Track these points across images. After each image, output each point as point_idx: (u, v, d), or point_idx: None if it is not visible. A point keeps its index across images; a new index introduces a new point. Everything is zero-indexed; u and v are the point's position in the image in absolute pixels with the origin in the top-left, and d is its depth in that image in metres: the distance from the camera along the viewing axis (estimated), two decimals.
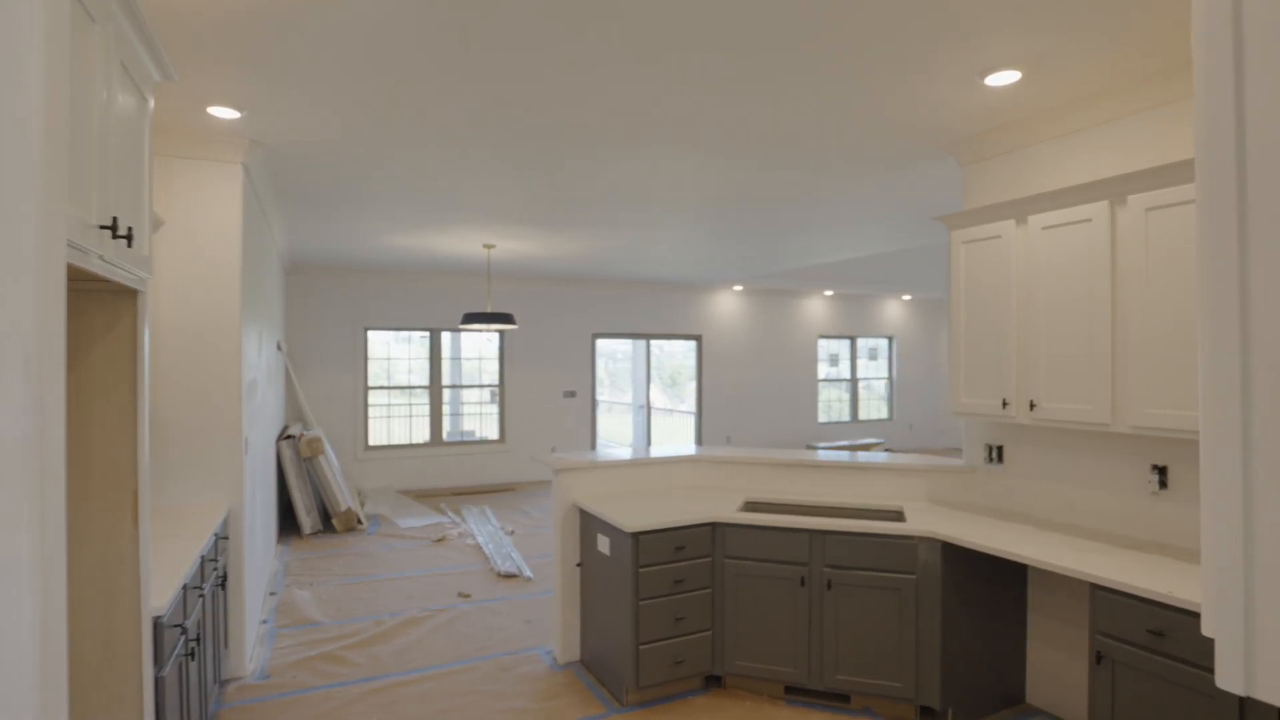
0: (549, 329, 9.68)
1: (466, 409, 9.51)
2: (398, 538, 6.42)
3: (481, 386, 9.49)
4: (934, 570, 3.04)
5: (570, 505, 3.71)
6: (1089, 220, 2.78)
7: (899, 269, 10.44)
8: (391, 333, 8.99)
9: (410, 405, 9.03)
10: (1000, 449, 3.49)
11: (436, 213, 5.19)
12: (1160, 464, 2.85)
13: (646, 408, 11.90)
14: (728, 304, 11.14)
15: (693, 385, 11.30)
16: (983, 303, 3.21)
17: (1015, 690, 3.30)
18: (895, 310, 12.71)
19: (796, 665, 3.21)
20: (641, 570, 3.14)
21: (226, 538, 3.44)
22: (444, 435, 9.15)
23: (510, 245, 6.65)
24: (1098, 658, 2.41)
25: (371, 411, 8.75)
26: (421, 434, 9.02)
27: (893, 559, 3.09)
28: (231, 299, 3.51)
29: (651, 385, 11.76)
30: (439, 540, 6.31)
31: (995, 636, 3.21)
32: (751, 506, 3.76)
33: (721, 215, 5.37)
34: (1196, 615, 2.15)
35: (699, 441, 11.05)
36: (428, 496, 8.49)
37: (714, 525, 3.34)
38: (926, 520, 3.20)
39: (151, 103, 1.84)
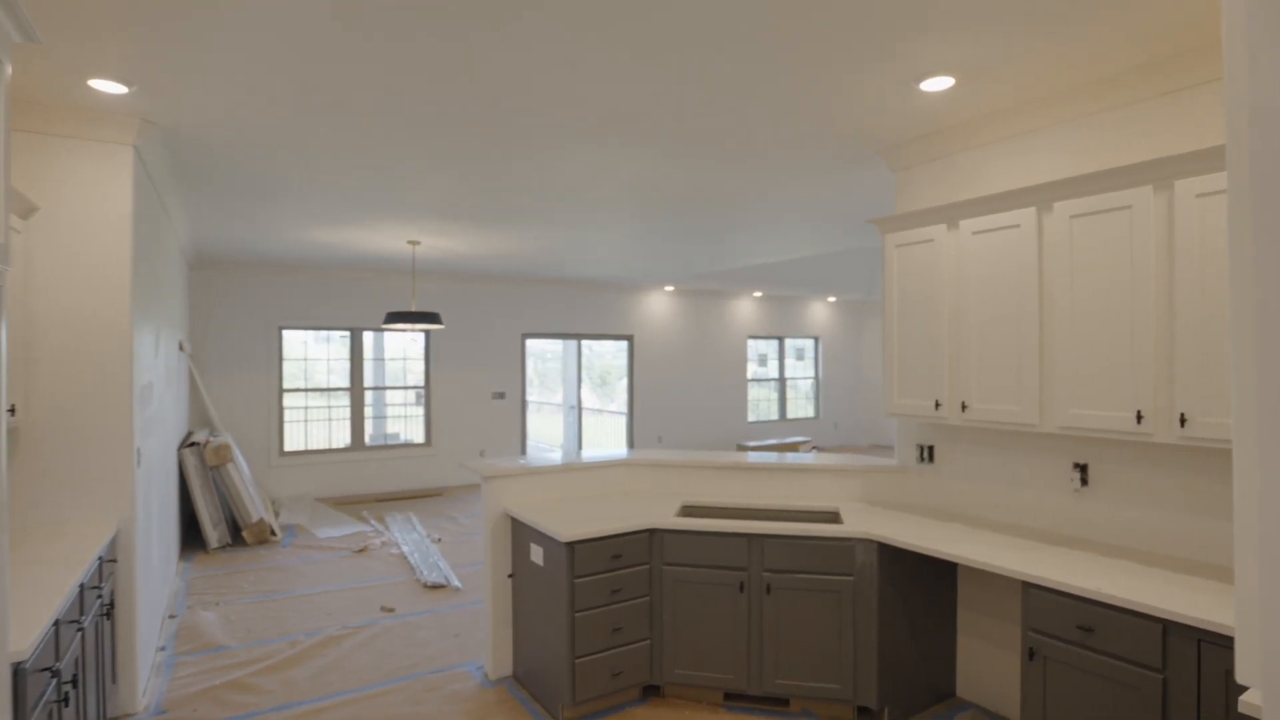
0: (477, 328, 9.40)
1: (390, 411, 9.11)
2: (316, 549, 6.05)
3: (406, 388, 9.11)
4: (871, 571, 3.04)
5: (501, 513, 3.54)
6: (1017, 226, 2.83)
7: (825, 271, 10.68)
8: (310, 332, 8.51)
9: (330, 408, 8.57)
10: (931, 449, 3.54)
11: (357, 207, 4.91)
12: (1081, 462, 2.94)
13: (578, 409, 11.75)
14: (659, 304, 11.14)
15: (622, 385, 11.23)
16: (916, 305, 3.24)
17: (946, 684, 3.35)
18: (821, 312, 13.04)
19: (736, 671, 3.16)
20: (577, 581, 3.01)
21: (115, 560, 3.11)
22: (366, 439, 8.74)
23: (437, 242, 6.39)
24: (1030, 654, 2.45)
25: (288, 415, 8.25)
26: (342, 438, 8.58)
27: (831, 561, 3.08)
28: (120, 295, 3.18)
29: (582, 385, 11.61)
30: (361, 551, 5.99)
31: (928, 633, 3.25)
32: (689, 511, 3.69)
33: (656, 214, 5.30)
34: (1123, 611, 2.20)
35: (630, 442, 11.00)
36: (349, 504, 8.08)
37: (651, 532, 3.25)
38: (863, 521, 3.20)
39: (8, 68, 1.59)
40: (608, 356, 13.28)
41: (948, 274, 3.10)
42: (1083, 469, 2.93)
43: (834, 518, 3.47)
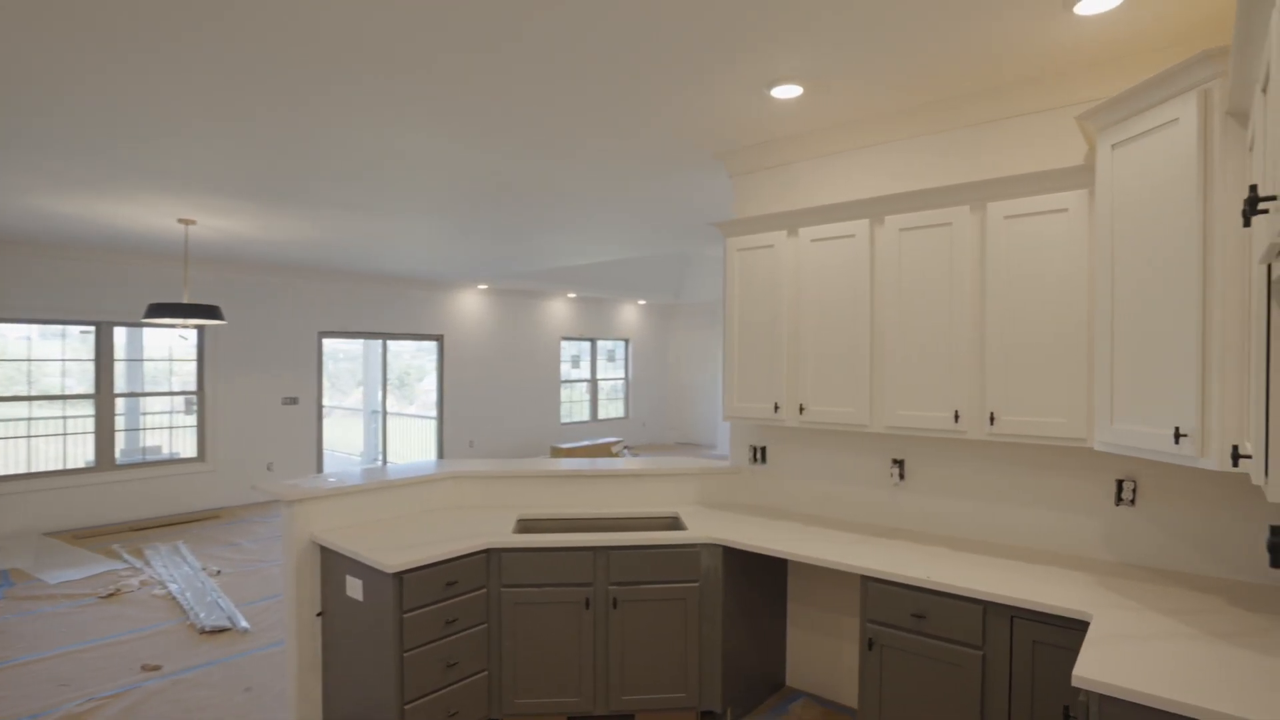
0: (266, 325, 8.27)
1: (150, 422, 7.69)
2: (45, 599, 4.87)
3: (173, 394, 7.75)
4: (716, 575, 3.03)
5: (307, 542, 3.04)
6: (852, 236, 2.97)
7: (637, 274, 10.93)
8: (35, 326, 6.91)
9: (65, 420, 7.03)
10: (764, 449, 3.64)
11: (109, 169, 4.00)
12: (899, 458, 3.17)
13: (381, 413, 10.88)
14: (471, 303, 10.67)
15: (423, 385, 10.61)
16: (757, 310, 3.30)
17: (778, 676, 3.46)
18: (631, 314, 13.35)
19: (581, 693, 2.99)
20: (407, 616, 2.65)
21: None
22: (116, 456, 7.29)
23: (216, 222, 5.46)
24: (869, 644, 2.56)
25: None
26: (83, 456, 7.08)
27: (677, 569, 3.02)
28: None
29: (386, 389, 10.75)
30: (111, 595, 4.93)
31: (763, 629, 3.33)
32: (526, 526, 3.45)
33: (474, 207, 4.95)
34: (952, 596, 2.36)
35: (440, 448, 10.40)
36: (95, 537, 6.67)
37: (489, 552, 2.97)
38: (705, 525, 3.19)
39: None
40: (406, 356, 12.53)
41: (787, 280, 3.19)
42: (900, 464, 3.16)
43: (675, 523, 3.43)
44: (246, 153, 3.65)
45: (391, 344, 10.40)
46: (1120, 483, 2.57)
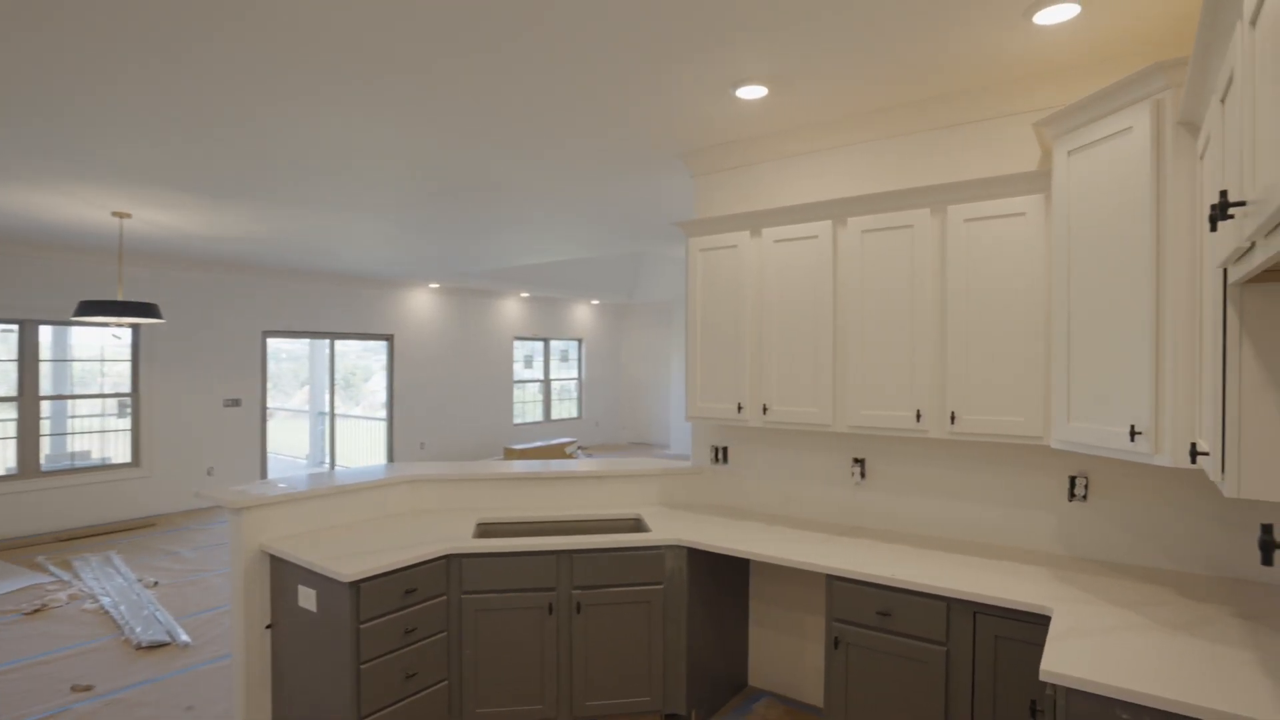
0: (207, 324, 7.92)
1: (80, 425, 7.27)
2: None
3: (105, 396, 7.35)
4: (681, 577, 3.01)
5: (256, 551, 2.90)
6: (815, 237, 3.00)
7: (591, 274, 10.88)
8: None
9: None
10: (725, 450, 3.65)
11: (35, 158, 3.76)
12: (860, 457, 3.21)
13: (329, 415, 10.56)
14: (423, 302, 10.46)
15: (369, 386, 10.35)
16: (720, 310, 3.30)
17: (740, 676, 3.46)
18: (584, 313, 13.29)
19: (545, 700, 2.93)
20: (364, 626, 2.55)
21: None
22: (42, 462, 6.87)
23: (153, 216, 5.19)
24: (835, 642, 2.57)
25: None
26: (3, 462, 6.65)
27: (641, 571, 2.99)
28: None
29: (327, 389, 10.45)
30: (36, 611, 4.63)
31: (726, 629, 3.33)
32: (486, 530, 3.37)
33: (428, 203, 4.83)
34: (916, 594, 2.39)
35: (391, 450, 10.16)
36: (17, 549, 6.27)
37: (449, 558, 2.89)
38: (669, 527, 3.17)
39: None
40: (352, 356, 12.22)
41: (751, 280, 3.19)
42: (861, 463, 3.20)
43: (638, 525, 3.40)
44: (186, 143, 3.47)
45: (338, 344, 10.10)
46: (1073, 479, 2.65)
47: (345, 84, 2.74)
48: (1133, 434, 1.93)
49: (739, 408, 3.21)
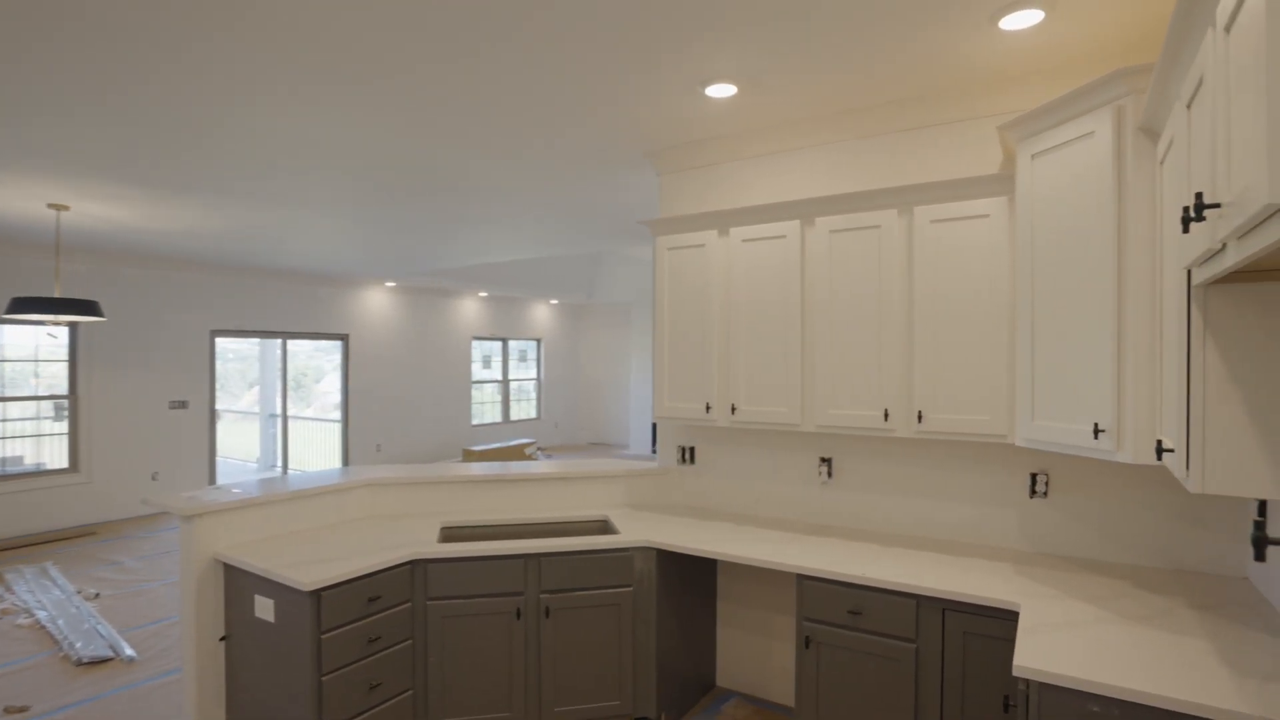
0: (152, 322, 7.59)
1: (11, 429, 6.90)
2: None
3: (39, 399, 6.98)
4: (650, 579, 2.99)
5: (209, 560, 2.78)
6: (783, 237, 3.00)
7: (549, 273, 10.79)
8: None
9: None
10: (693, 450, 3.64)
11: None
12: (827, 456, 3.23)
13: (282, 417, 10.26)
14: (379, 301, 10.23)
15: (321, 387, 10.10)
16: (687, 309, 3.28)
17: (708, 677, 3.46)
18: (543, 313, 13.19)
19: (513, 707, 2.87)
20: (325, 636, 2.45)
21: None
22: None
23: (94, 209, 4.94)
24: (806, 642, 2.58)
25: None
26: None
27: (611, 574, 2.96)
28: None
29: (287, 391, 10.15)
30: None
31: (694, 630, 3.32)
32: (451, 534, 3.30)
33: (384, 199, 4.71)
34: (887, 592, 2.42)
35: (345, 453, 9.92)
36: None
37: (413, 564, 2.81)
38: (637, 528, 3.15)
39: None
40: (303, 356, 11.89)
41: (719, 279, 3.19)
42: (828, 463, 3.22)
43: (606, 527, 3.37)
44: (127, 132, 3.31)
45: (289, 344, 9.80)
46: (1034, 476, 2.71)
47: (301, 74, 2.64)
48: (1096, 432, 1.97)
49: (707, 407, 3.20)
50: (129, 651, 3.92)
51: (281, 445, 10.14)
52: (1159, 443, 1.61)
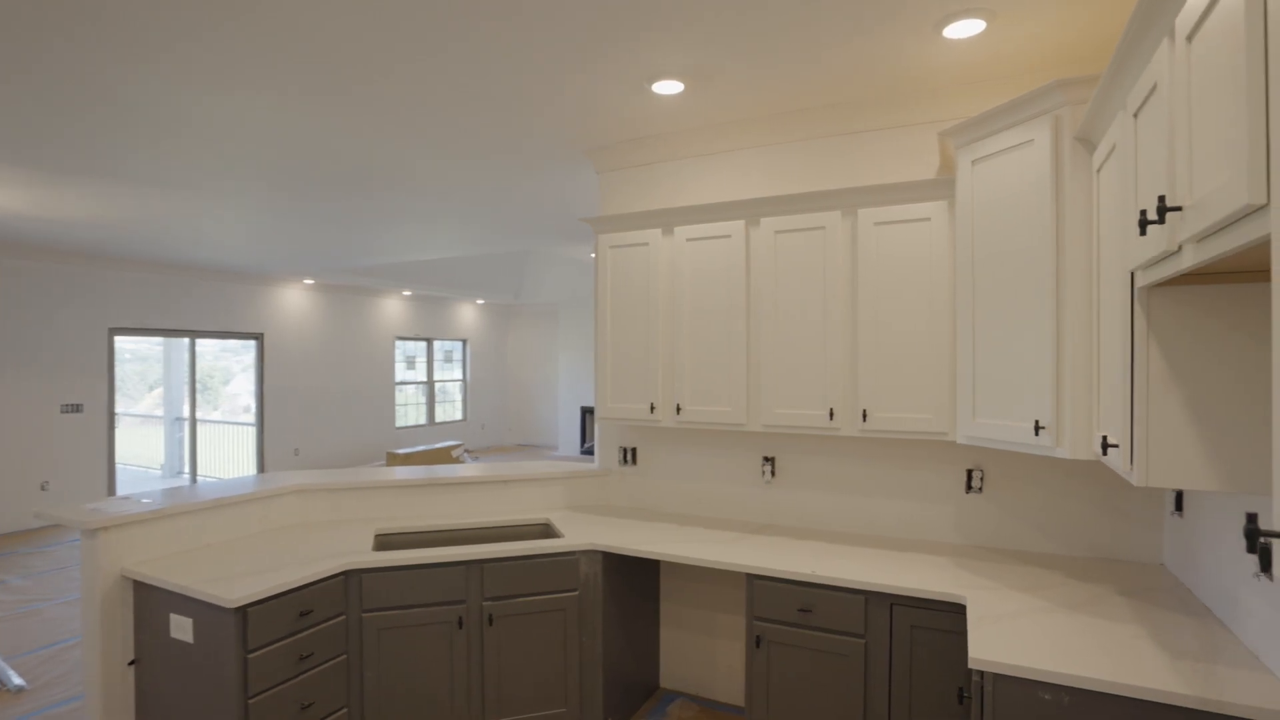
0: (41, 320, 6.96)
1: None
2: None
3: None
4: (596, 583, 2.93)
5: (116, 577, 2.54)
6: (728, 236, 3.01)
7: (476, 272, 10.54)
8: None
9: None
10: (634, 451, 3.60)
11: None
12: (770, 455, 3.26)
13: (190, 421, 9.64)
14: (296, 299, 9.75)
15: (230, 389, 9.57)
16: (631, 308, 3.24)
17: (652, 679, 3.43)
18: (469, 313, 12.91)
19: (455, 719, 2.76)
20: (252, 656, 2.28)
21: None
22: None
23: None
24: (757, 641, 2.58)
25: None
26: None
27: (555, 579, 2.89)
28: None
29: (196, 393, 9.53)
30: None
31: (638, 632, 3.28)
32: (386, 542, 3.14)
33: (302, 189, 4.46)
34: (836, 589, 2.44)
35: (261, 458, 9.40)
36: None
37: (347, 574, 2.65)
38: (581, 531, 3.08)
39: None
40: (209, 357, 11.23)
41: (663, 278, 3.16)
42: (771, 462, 3.25)
43: (548, 530, 3.29)
44: (9, 105, 2.99)
45: (198, 343, 9.19)
46: (970, 472, 2.81)
47: (210, 47, 2.44)
48: (1037, 429, 2.05)
49: (651, 408, 3.17)
50: (16, 680, 3.55)
51: (189, 451, 9.51)
52: (1104, 439, 1.68)
